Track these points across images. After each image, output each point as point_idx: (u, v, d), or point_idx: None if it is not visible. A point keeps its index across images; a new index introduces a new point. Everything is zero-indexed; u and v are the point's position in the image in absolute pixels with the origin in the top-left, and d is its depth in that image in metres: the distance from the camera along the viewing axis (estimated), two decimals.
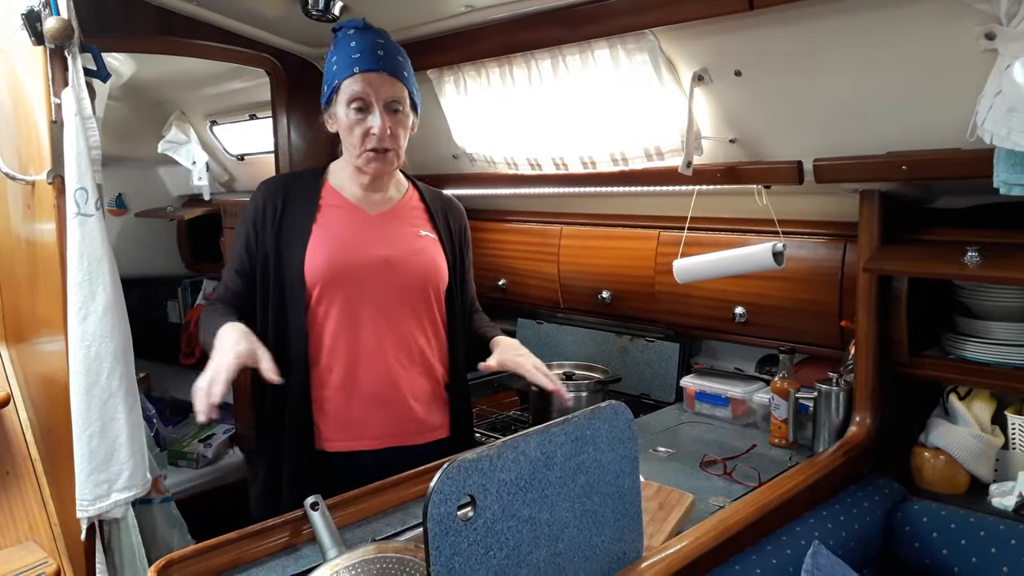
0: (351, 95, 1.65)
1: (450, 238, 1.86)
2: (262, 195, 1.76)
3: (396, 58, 1.69)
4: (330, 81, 1.70)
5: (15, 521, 1.84)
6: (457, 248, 1.87)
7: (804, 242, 2.05)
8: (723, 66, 1.70)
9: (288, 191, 1.76)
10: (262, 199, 1.75)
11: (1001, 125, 1.28)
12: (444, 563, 0.94)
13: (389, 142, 1.67)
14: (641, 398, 2.52)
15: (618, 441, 1.20)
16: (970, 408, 1.79)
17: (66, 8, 1.51)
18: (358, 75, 1.64)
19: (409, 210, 1.83)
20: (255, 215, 1.74)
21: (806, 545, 1.42)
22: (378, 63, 1.65)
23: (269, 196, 1.75)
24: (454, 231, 1.89)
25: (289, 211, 1.73)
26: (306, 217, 1.72)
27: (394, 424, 1.73)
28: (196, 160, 3.08)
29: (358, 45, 1.66)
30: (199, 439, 2.99)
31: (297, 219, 1.72)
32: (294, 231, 1.71)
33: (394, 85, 1.67)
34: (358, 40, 1.67)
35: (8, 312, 2.18)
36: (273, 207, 1.73)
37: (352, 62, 1.65)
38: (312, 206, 1.74)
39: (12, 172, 1.75)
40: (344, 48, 1.68)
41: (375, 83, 1.65)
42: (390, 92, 1.66)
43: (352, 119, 1.67)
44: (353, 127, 1.67)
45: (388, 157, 1.69)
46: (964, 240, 1.62)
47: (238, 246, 1.76)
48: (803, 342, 2.11)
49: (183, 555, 1.25)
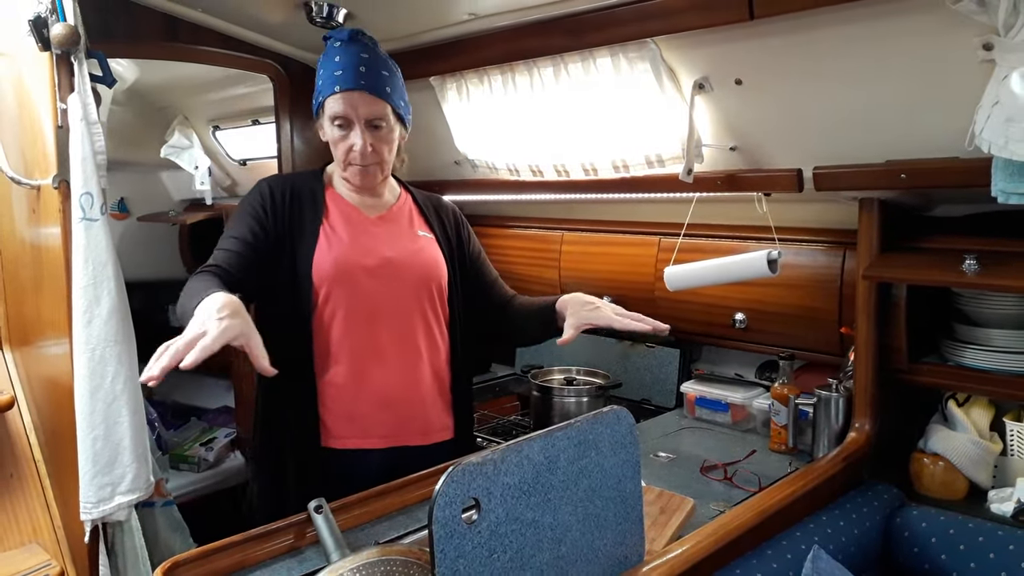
0: (333, 113, 1.67)
1: (446, 236, 1.88)
2: (268, 186, 1.75)
3: (379, 73, 1.69)
4: (316, 95, 1.72)
5: (19, 524, 1.84)
6: (454, 245, 1.89)
7: (803, 249, 2.06)
8: (724, 75, 1.72)
9: (294, 189, 1.76)
10: (269, 190, 1.73)
11: (999, 135, 1.30)
12: (449, 566, 0.95)
13: (371, 158, 1.69)
14: (642, 403, 2.53)
15: (620, 446, 1.21)
16: (969, 415, 1.80)
17: (73, 14, 1.52)
18: (339, 94, 1.65)
19: (405, 212, 1.85)
20: (263, 201, 1.71)
21: (806, 550, 1.43)
22: (358, 82, 1.65)
23: (276, 189, 1.74)
24: (449, 228, 1.90)
25: (296, 208, 1.73)
26: (313, 217, 1.72)
27: (401, 424, 1.73)
28: (198, 165, 3.09)
29: (341, 61, 1.67)
30: (201, 443, 2.99)
31: (305, 218, 1.72)
32: (302, 230, 1.71)
33: (375, 104, 1.67)
34: (342, 55, 1.67)
35: (13, 315, 2.19)
36: (282, 199, 1.72)
37: (334, 80, 1.66)
38: (318, 207, 1.74)
39: (18, 176, 1.76)
40: (329, 63, 1.68)
41: (355, 102, 1.66)
42: (370, 111, 1.67)
43: (336, 136, 1.69)
44: (337, 143, 1.70)
45: (371, 171, 1.72)
46: (963, 248, 1.63)
47: (244, 219, 1.68)
48: (803, 348, 2.12)
49: (188, 557, 1.26)
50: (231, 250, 1.63)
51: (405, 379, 1.74)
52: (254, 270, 1.64)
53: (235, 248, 1.63)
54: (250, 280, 1.62)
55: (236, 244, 1.64)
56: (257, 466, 1.86)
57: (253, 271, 1.64)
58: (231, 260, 1.60)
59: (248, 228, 1.67)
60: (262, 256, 1.66)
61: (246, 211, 1.71)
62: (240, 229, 1.67)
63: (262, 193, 1.73)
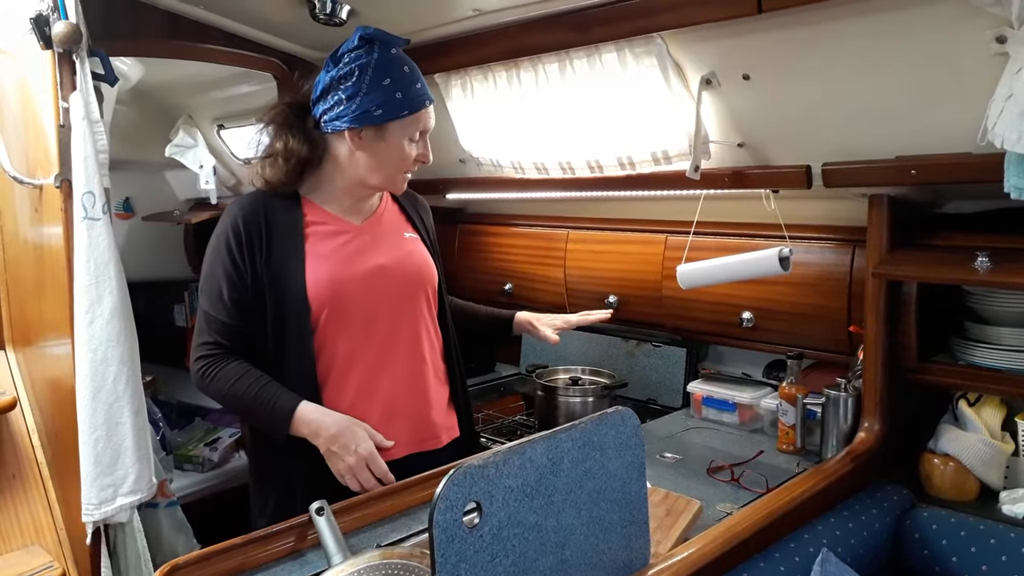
0: (425, 127, 1.68)
1: (428, 235, 1.88)
2: (242, 221, 1.64)
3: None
4: (393, 107, 1.61)
5: (21, 525, 1.84)
6: (435, 244, 1.90)
7: (812, 247, 2.04)
8: (731, 70, 1.70)
9: (268, 213, 1.66)
10: (243, 226, 1.63)
11: (1012, 129, 1.27)
12: (450, 570, 0.93)
13: None
14: (648, 403, 2.51)
15: (625, 447, 1.19)
16: (980, 414, 1.78)
17: (74, 12, 1.52)
18: (429, 108, 1.68)
19: (389, 215, 1.83)
20: (239, 244, 1.62)
21: (814, 552, 1.41)
22: (429, 95, 1.68)
23: (251, 222, 1.64)
24: (428, 227, 1.91)
25: (275, 235, 1.65)
26: (294, 239, 1.65)
27: (414, 431, 1.72)
28: (203, 164, 3.08)
29: (413, 74, 1.65)
30: (205, 443, 2.99)
31: (285, 243, 1.65)
32: (285, 256, 1.64)
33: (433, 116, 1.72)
34: (411, 67, 1.65)
35: (15, 315, 2.19)
36: (258, 231, 1.64)
37: (420, 94, 1.65)
38: (297, 226, 1.67)
39: (20, 176, 1.75)
40: (398, 73, 1.62)
41: (431, 115, 1.70)
42: (432, 122, 1.71)
43: (410, 146, 1.68)
44: (410, 148, 1.68)
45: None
46: (974, 245, 1.61)
47: (219, 282, 1.62)
48: (811, 347, 2.09)
49: (188, 560, 1.25)
50: (236, 328, 1.63)
51: (412, 386, 1.73)
52: (254, 332, 1.64)
53: (234, 322, 1.62)
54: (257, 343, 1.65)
55: (235, 317, 1.62)
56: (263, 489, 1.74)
57: (254, 338, 1.64)
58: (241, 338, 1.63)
59: (236, 294, 1.62)
60: (252, 305, 1.63)
61: (220, 268, 1.63)
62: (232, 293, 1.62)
63: (236, 233, 1.63)
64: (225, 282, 1.62)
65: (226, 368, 1.60)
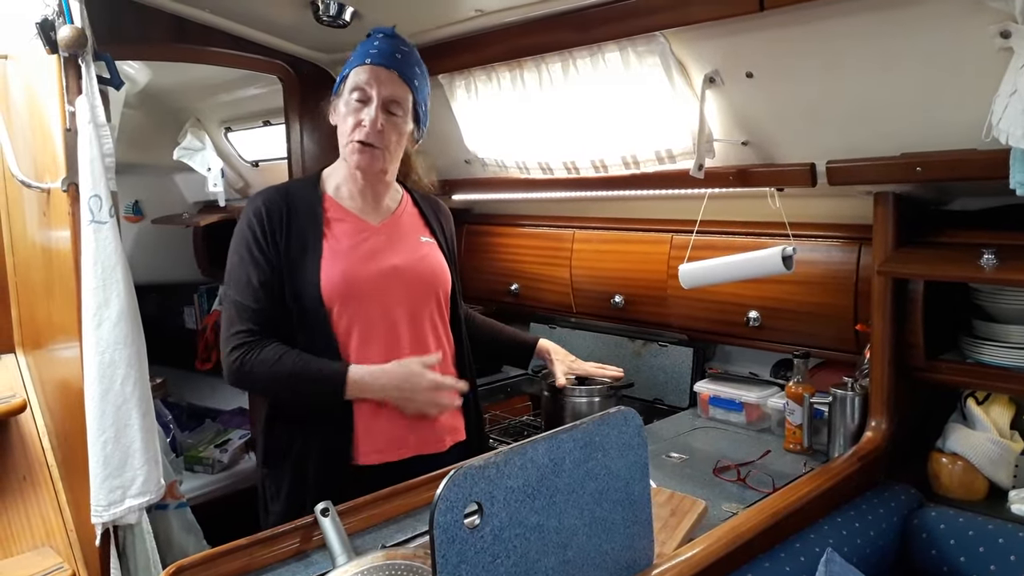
0: (355, 83, 1.67)
1: (446, 241, 1.88)
2: (264, 209, 1.68)
3: (412, 67, 1.71)
4: (344, 71, 1.71)
5: (31, 526, 1.86)
6: (452, 251, 1.90)
7: (818, 245, 2.03)
8: (734, 68, 1.69)
9: (290, 205, 1.70)
10: (266, 213, 1.67)
11: (1017, 125, 1.26)
12: (450, 571, 0.93)
13: (375, 138, 1.65)
14: (654, 403, 2.51)
15: (628, 447, 1.18)
16: (988, 413, 1.77)
17: (80, 17, 1.53)
18: (367, 66, 1.66)
19: (408, 218, 1.84)
20: (262, 229, 1.66)
21: (820, 553, 1.41)
22: (390, 61, 1.67)
23: (273, 210, 1.68)
24: (447, 234, 1.91)
25: (295, 226, 1.68)
26: (314, 232, 1.68)
27: (423, 433, 1.72)
28: (211, 166, 3.11)
29: (380, 45, 1.69)
30: (215, 444, 3.00)
31: (305, 235, 1.67)
32: (304, 248, 1.66)
33: (398, 85, 1.67)
34: (382, 41, 1.70)
35: (25, 319, 2.21)
36: (280, 221, 1.67)
37: (366, 54, 1.68)
38: (317, 220, 1.70)
39: (28, 180, 1.77)
40: (367, 44, 1.70)
41: (381, 77, 1.66)
42: (391, 91, 1.66)
43: (350, 108, 1.67)
44: (347, 116, 1.67)
45: (374, 154, 1.67)
46: (980, 242, 1.60)
47: (247, 267, 1.65)
48: (818, 346, 2.08)
49: (193, 561, 1.25)
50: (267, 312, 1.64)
51: None
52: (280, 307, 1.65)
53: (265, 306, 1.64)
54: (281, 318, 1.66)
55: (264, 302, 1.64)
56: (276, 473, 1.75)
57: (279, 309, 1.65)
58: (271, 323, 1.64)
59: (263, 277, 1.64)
60: (279, 290, 1.66)
61: (248, 251, 1.66)
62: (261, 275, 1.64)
63: (260, 220, 1.67)
64: (252, 267, 1.65)
65: (264, 351, 1.62)
